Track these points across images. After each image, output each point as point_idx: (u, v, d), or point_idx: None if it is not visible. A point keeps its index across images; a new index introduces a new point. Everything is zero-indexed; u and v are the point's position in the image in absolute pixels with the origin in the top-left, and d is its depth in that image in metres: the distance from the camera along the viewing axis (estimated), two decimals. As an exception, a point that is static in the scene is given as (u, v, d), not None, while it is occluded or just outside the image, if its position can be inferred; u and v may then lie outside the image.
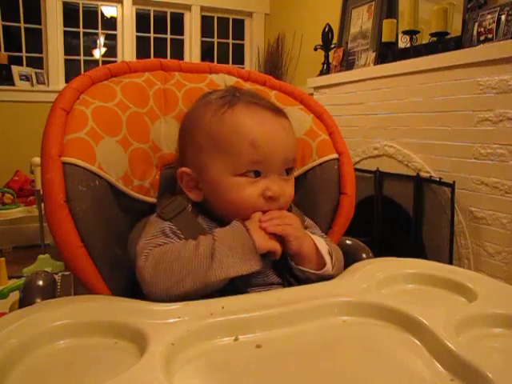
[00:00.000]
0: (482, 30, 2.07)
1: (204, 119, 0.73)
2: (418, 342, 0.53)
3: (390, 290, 0.67)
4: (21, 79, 3.49)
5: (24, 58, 3.64)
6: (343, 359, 0.52)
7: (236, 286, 0.66)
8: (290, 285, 0.73)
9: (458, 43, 2.21)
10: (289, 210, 0.77)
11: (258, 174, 0.71)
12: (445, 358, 0.49)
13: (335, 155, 0.90)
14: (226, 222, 0.70)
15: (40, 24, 3.63)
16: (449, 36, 2.30)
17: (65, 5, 3.68)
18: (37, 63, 3.66)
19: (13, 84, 3.45)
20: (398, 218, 2.53)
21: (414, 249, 2.35)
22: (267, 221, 0.69)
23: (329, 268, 0.72)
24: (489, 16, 2.06)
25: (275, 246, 0.68)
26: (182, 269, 0.63)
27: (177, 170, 0.76)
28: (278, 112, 0.75)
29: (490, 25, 2.04)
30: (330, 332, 0.56)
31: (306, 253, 0.72)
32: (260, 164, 0.70)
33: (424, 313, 0.56)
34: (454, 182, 2.15)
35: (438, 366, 0.49)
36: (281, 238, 0.69)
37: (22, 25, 3.60)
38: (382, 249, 2.37)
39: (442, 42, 2.29)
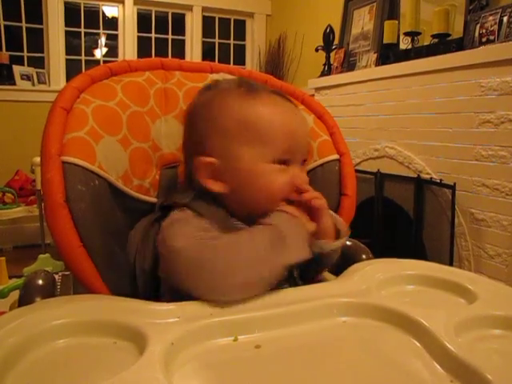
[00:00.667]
0: (484, 31, 2.07)
1: (233, 105, 0.71)
2: (417, 344, 0.53)
3: (389, 291, 0.67)
4: (22, 79, 3.49)
5: (25, 58, 3.65)
6: (342, 360, 0.51)
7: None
8: (295, 282, 0.73)
9: (460, 45, 2.21)
10: None
11: (286, 162, 0.71)
12: (444, 360, 0.49)
13: (336, 156, 0.90)
14: (242, 215, 0.70)
15: (41, 24, 3.63)
16: (450, 37, 2.29)
17: (66, 5, 3.69)
18: (38, 63, 3.67)
19: (14, 84, 3.46)
20: (398, 219, 2.53)
21: (415, 250, 2.34)
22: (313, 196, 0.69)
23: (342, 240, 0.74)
24: (490, 17, 2.05)
25: (314, 226, 0.69)
26: (256, 255, 0.60)
27: (190, 161, 0.73)
28: (295, 103, 0.77)
29: (491, 26, 2.04)
30: (329, 333, 0.56)
31: (328, 227, 0.72)
32: (290, 152, 0.71)
33: (424, 314, 0.56)
34: (454, 183, 2.14)
35: (438, 367, 0.49)
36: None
37: (24, 24, 3.60)
38: (382, 250, 2.37)
39: (443, 44, 2.29)
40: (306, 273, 0.76)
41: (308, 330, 0.56)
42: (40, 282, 0.75)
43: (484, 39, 2.07)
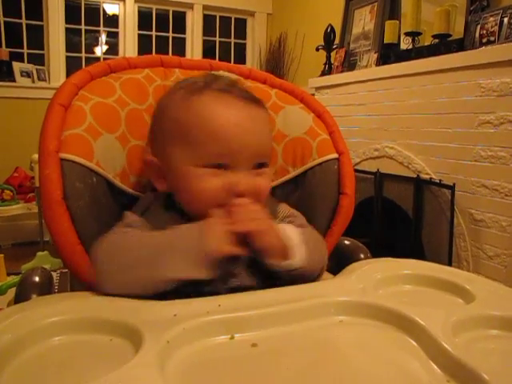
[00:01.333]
0: (485, 32, 2.07)
1: (171, 106, 0.70)
2: (414, 343, 0.53)
3: (387, 290, 0.67)
4: (22, 76, 3.49)
5: (25, 55, 3.65)
6: (339, 359, 0.51)
7: (213, 288, 0.63)
8: (268, 287, 0.66)
9: (460, 45, 2.21)
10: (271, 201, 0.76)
11: (223, 166, 0.67)
12: (441, 359, 0.49)
13: (335, 155, 0.90)
14: (192, 217, 0.67)
15: (42, 20, 3.63)
16: (451, 38, 2.30)
17: (67, 2, 3.69)
18: (38, 60, 3.67)
19: (14, 80, 3.46)
20: (397, 219, 2.53)
21: (414, 250, 2.35)
22: (228, 218, 0.64)
23: (296, 260, 0.66)
24: (491, 18, 2.05)
25: (233, 249, 0.61)
26: (131, 259, 0.61)
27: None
28: (252, 102, 0.71)
29: (492, 27, 2.04)
30: (326, 332, 0.56)
31: (269, 246, 0.65)
32: (225, 157, 0.66)
33: (421, 314, 0.55)
34: (454, 184, 2.15)
35: (435, 367, 0.49)
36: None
37: (24, 21, 3.60)
38: (381, 250, 2.37)
39: (444, 44, 2.29)
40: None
41: (305, 328, 0.56)
42: (37, 279, 0.75)
43: (484, 40, 2.07)
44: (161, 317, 0.54)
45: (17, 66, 3.49)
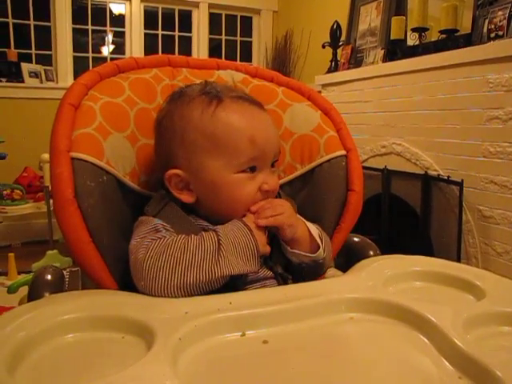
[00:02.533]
0: (493, 26, 2.06)
1: (194, 117, 0.71)
2: (425, 340, 0.53)
3: (397, 287, 0.67)
4: (30, 76, 3.51)
5: (33, 55, 3.66)
6: (350, 356, 0.52)
7: (231, 283, 0.66)
8: (283, 278, 0.74)
9: (468, 40, 2.20)
10: (278, 197, 0.78)
11: (253, 169, 0.72)
12: (453, 356, 0.49)
13: (343, 152, 0.90)
14: (214, 220, 0.70)
15: (49, 21, 3.65)
16: (458, 33, 2.28)
17: (74, 2, 3.70)
18: (46, 60, 3.68)
19: (22, 81, 3.48)
20: (405, 216, 2.52)
21: (422, 247, 2.34)
22: (259, 213, 0.70)
23: (321, 251, 0.74)
24: (500, 13, 2.04)
25: (266, 248, 0.69)
26: (188, 261, 0.62)
27: (162, 174, 0.73)
28: (262, 106, 0.76)
29: (500, 21, 2.02)
30: (337, 328, 0.56)
31: (300, 237, 0.73)
32: (257, 160, 0.71)
33: (432, 310, 0.55)
34: (462, 180, 2.13)
35: (446, 363, 0.49)
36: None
37: (32, 22, 3.62)
38: (389, 247, 2.37)
39: (451, 40, 2.28)
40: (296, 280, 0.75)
41: (315, 325, 0.56)
42: (49, 277, 0.75)
43: (492, 35, 2.05)
44: (172, 314, 0.54)
45: (25, 66, 3.51)
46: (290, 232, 0.71)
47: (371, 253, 0.91)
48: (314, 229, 0.76)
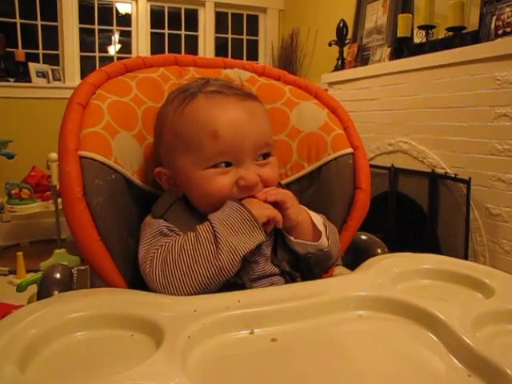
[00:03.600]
0: (500, 23, 2.04)
1: (168, 117, 0.73)
2: (434, 337, 0.53)
3: (405, 284, 0.67)
4: (37, 76, 3.52)
5: (41, 55, 3.68)
6: (358, 353, 0.51)
7: (238, 279, 0.67)
8: (291, 277, 0.73)
9: (475, 37, 2.18)
10: None
11: (229, 164, 0.70)
12: (462, 354, 0.49)
13: (350, 150, 0.90)
14: (210, 211, 0.70)
15: (56, 21, 3.66)
16: (466, 30, 2.26)
17: (80, 2, 3.71)
18: (53, 60, 3.70)
19: (30, 81, 3.49)
20: (412, 214, 2.51)
21: (429, 245, 2.33)
22: (264, 193, 0.70)
23: (324, 239, 0.74)
24: (507, 9, 2.02)
25: (273, 211, 0.68)
26: (190, 260, 0.63)
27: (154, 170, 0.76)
28: (246, 97, 0.73)
29: (508, 18, 2.00)
30: (345, 326, 0.56)
31: (302, 222, 0.72)
32: (228, 154, 0.69)
33: (440, 308, 0.55)
34: (469, 178, 2.12)
35: (455, 361, 0.49)
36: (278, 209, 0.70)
37: (39, 22, 3.63)
38: (396, 245, 2.36)
39: (458, 37, 2.26)
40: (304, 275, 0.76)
41: (324, 323, 0.56)
42: (58, 275, 0.76)
43: (500, 31, 2.04)
44: (181, 312, 0.55)
45: (32, 66, 3.53)
46: (293, 212, 0.71)
47: (379, 251, 0.91)
48: (317, 217, 0.76)
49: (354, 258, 0.86)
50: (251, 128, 0.71)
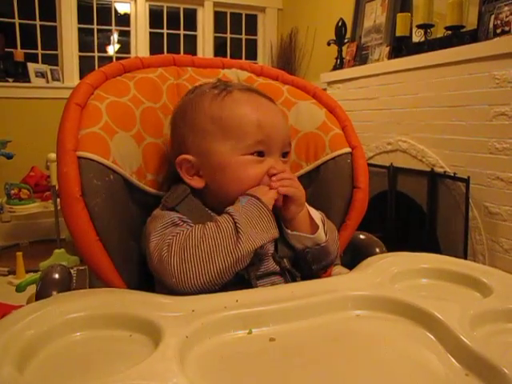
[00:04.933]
0: (499, 22, 2.04)
1: (204, 106, 0.75)
2: (432, 337, 0.53)
3: (403, 284, 0.67)
4: (36, 76, 3.52)
5: (39, 55, 3.68)
6: (356, 353, 0.52)
7: (245, 273, 0.68)
8: (291, 275, 0.74)
9: (474, 36, 2.18)
10: None
11: (262, 154, 0.73)
12: (460, 353, 0.49)
13: (348, 149, 0.90)
14: (222, 208, 0.70)
15: (55, 21, 3.66)
16: (464, 29, 2.26)
17: (79, 2, 3.71)
18: (52, 60, 3.70)
19: (29, 81, 3.49)
20: (411, 213, 2.51)
21: (428, 244, 2.33)
22: (278, 181, 0.72)
23: (322, 233, 0.75)
24: (506, 8, 2.02)
25: (274, 195, 0.71)
26: (209, 248, 0.63)
27: (174, 160, 0.76)
28: (270, 99, 0.79)
29: (506, 17, 2.00)
30: (343, 326, 0.56)
31: (301, 216, 0.75)
32: (264, 144, 0.73)
33: (438, 307, 0.55)
34: (468, 177, 2.12)
35: (453, 360, 0.49)
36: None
37: (38, 22, 3.63)
38: (395, 244, 2.36)
39: (457, 36, 2.26)
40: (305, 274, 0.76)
41: (322, 322, 0.56)
42: (56, 276, 0.76)
43: (499, 30, 2.04)
44: (179, 312, 0.55)
45: (31, 66, 3.53)
46: (299, 205, 0.73)
47: (377, 250, 0.91)
48: (315, 212, 0.77)
49: (353, 257, 0.86)
50: (283, 125, 0.77)
